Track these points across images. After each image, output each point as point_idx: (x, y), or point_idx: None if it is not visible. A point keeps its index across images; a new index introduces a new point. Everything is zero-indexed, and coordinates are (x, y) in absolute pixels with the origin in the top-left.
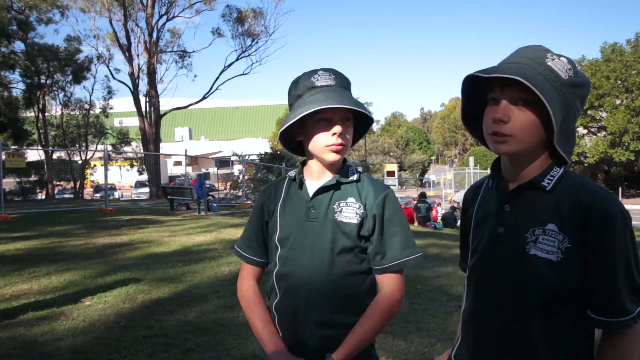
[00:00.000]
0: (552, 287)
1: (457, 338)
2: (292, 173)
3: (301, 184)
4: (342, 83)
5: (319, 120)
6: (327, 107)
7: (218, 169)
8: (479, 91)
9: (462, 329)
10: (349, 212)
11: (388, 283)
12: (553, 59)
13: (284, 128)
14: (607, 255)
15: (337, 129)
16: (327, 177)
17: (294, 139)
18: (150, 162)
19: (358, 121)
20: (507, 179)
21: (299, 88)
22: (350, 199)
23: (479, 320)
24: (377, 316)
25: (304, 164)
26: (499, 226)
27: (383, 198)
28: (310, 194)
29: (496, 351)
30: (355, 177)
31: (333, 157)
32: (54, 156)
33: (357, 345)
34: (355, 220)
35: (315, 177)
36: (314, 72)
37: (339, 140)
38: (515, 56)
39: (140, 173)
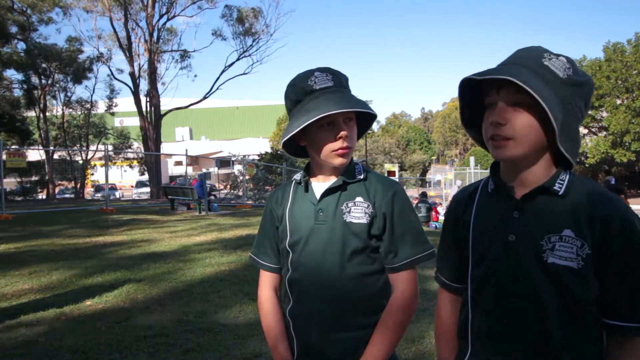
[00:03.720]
0: (574, 295)
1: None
2: (297, 176)
3: (307, 187)
4: (341, 82)
5: (323, 125)
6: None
7: (219, 169)
8: (478, 94)
9: (472, 343)
10: (358, 212)
11: (401, 281)
12: (550, 59)
13: (287, 137)
14: (637, 261)
15: (343, 133)
16: (333, 178)
17: (297, 143)
18: (151, 162)
19: (360, 117)
20: (510, 183)
21: (297, 92)
22: (359, 199)
23: (497, 332)
24: (394, 319)
25: (307, 166)
26: (509, 234)
27: (392, 195)
28: (317, 197)
29: None
30: (362, 175)
31: (340, 161)
32: (55, 156)
33: (381, 353)
34: (364, 220)
35: (322, 179)
36: (310, 73)
37: (345, 144)
38: (512, 57)
39: (142, 173)
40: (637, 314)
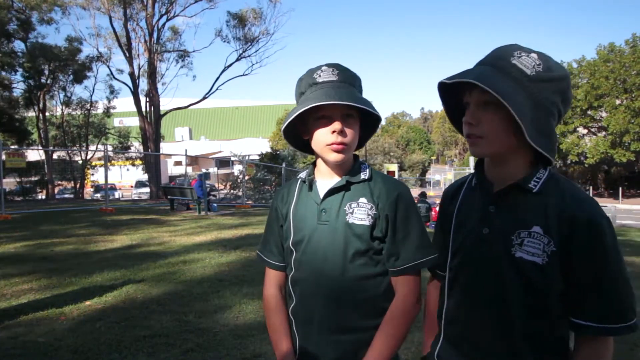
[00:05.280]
0: (537, 290)
1: (433, 336)
2: (303, 174)
3: (311, 186)
4: (347, 78)
5: (319, 118)
6: (324, 104)
7: (218, 169)
8: (460, 94)
9: (444, 328)
10: (361, 213)
11: (402, 286)
12: (520, 57)
13: (284, 126)
14: (604, 264)
15: (336, 125)
16: (337, 177)
17: (302, 137)
18: (151, 162)
19: (366, 119)
20: (491, 179)
21: (302, 85)
22: (362, 200)
23: (465, 320)
24: (393, 325)
25: (314, 164)
26: (484, 227)
27: (396, 197)
28: (321, 196)
29: (483, 350)
30: (366, 175)
31: (335, 157)
32: (55, 156)
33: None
34: (367, 222)
35: (327, 178)
36: (318, 68)
37: (339, 139)
38: (485, 57)
39: (145, 172)
40: (600, 314)
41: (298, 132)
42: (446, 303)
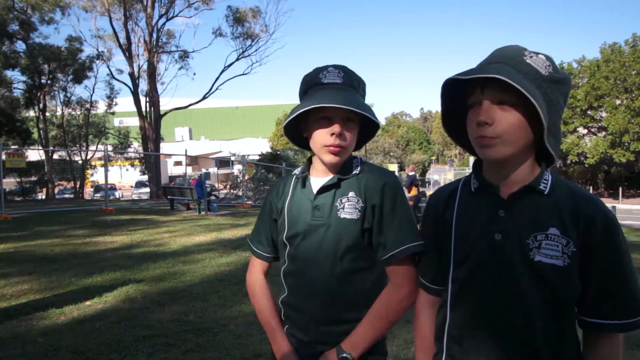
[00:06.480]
0: (558, 293)
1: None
2: (297, 171)
3: (304, 183)
4: (351, 82)
5: (319, 119)
6: (326, 106)
7: (218, 169)
8: (460, 95)
9: (447, 346)
10: (350, 208)
11: (396, 275)
12: (531, 57)
13: (285, 123)
14: (620, 261)
15: (336, 128)
16: (330, 174)
17: (301, 135)
18: (151, 162)
19: (365, 124)
20: (494, 181)
21: (307, 83)
22: (351, 194)
23: (476, 333)
24: (383, 309)
25: (310, 160)
26: (495, 233)
27: (381, 186)
28: (314, 193)
29: None
30: (357, 170)
31: (331, 158)
32: (55, 156)
33: (364, 339)
34: (355, 215)
35: (321, 175)
36: (325, 68)
37: (337, 141)
38: (493, 57)
39: (143, 173)
40: (622, 311)
41: (299, 129)
42: (450, 318)
